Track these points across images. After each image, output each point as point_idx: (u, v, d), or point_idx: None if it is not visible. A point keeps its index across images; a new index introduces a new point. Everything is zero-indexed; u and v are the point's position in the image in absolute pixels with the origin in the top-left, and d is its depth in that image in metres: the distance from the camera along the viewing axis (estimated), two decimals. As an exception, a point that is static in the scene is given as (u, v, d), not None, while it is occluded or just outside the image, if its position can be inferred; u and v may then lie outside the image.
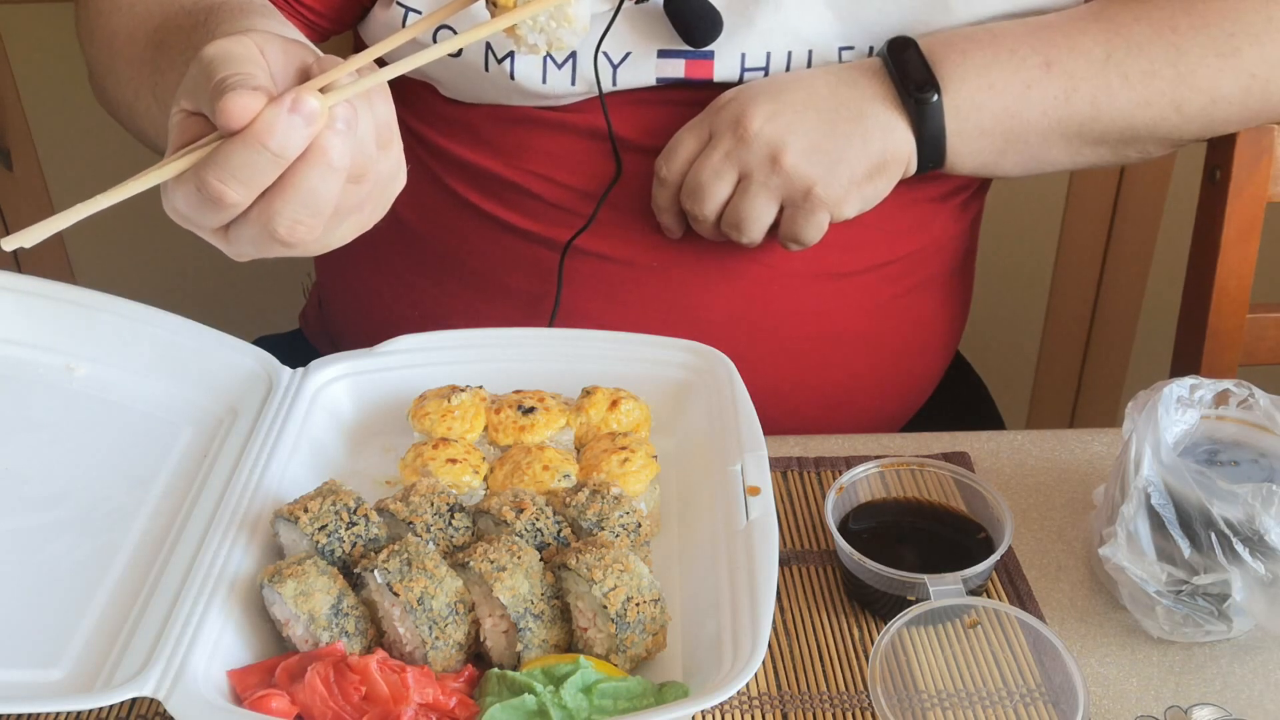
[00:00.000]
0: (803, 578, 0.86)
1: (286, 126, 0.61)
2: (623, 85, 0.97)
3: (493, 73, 0.97)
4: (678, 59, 0.97)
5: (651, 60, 0.96)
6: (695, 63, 0.97)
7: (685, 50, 0.96)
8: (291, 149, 0.62)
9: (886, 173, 0.94)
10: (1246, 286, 1.10)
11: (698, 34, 0.94)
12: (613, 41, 0.95)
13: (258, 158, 0.61)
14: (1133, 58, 0.95)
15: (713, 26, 0.94)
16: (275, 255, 0.68)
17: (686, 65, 0.97)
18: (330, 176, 0.63)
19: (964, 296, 1.18)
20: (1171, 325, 1.18)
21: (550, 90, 0.97)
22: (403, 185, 0.71)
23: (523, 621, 0.73)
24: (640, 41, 0.96)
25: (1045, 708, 0.75)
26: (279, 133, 0.61)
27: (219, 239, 0.67)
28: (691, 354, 0.93)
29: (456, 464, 0.84)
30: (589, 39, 0.94)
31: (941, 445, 0.98)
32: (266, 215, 0.64)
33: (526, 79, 0.96)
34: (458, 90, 1.02)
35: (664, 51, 0.96)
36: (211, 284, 1.98)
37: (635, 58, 0.96)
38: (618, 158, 0.99)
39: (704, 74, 0.97)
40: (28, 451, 0.89)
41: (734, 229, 0.95)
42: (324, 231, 0.67)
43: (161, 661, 0.69)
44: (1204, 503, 0.76)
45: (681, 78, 0.97)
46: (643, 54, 0.96)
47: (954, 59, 0.93)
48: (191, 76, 0.65)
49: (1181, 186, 1.87)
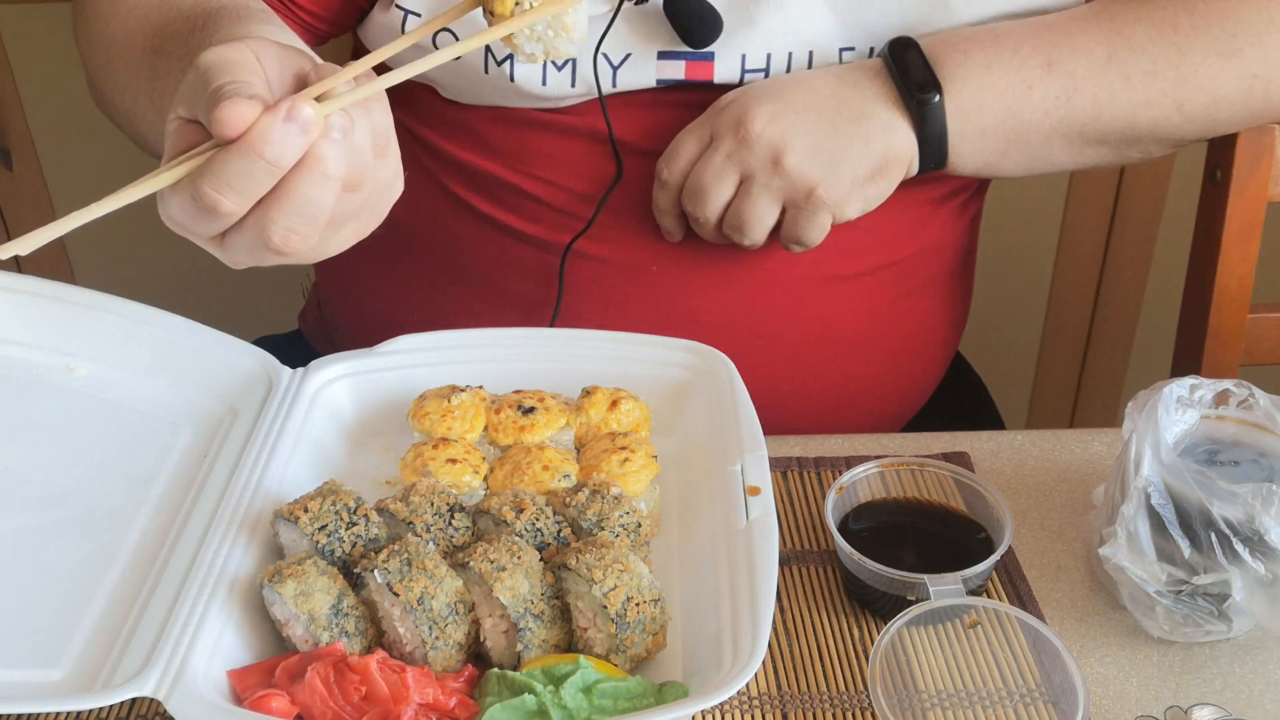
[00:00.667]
0: (803, 578, 0.86)
1: (282, 135, 0.61)
2: (623, 87, 0.97)
3: (492, 75, 0.97)
4: (678, 60, 0.96)
5: (652, 62, 0.96)
6: (695, 64, 0.96)
7: (685, 51, 0.96)
8: (287, 158, 0.61)
9: (888, 173, 0.94)
10: (1247, 286, 1.10)
11: (697, 35, 0.94)
12: (612, 43, 0.95)
13: (253, 167, 0.61)
14: (1134, 58, 0.95)
15: (713, 27, 0.94)
16: (271, 264, 0.67)
17: (687, 66, 0.96)
18: (325, 185, 0.63)
19: (964, 298, 1.18)
20: (1171, 325, 1.18)
21: (550, 92, 0.97)
22: (399, 193, 0.71)
23: (523, 621, 0.73)
24: (640, 43, 0.96)
25: (1045, 708, 0.75)
26: (274, 141, 0.60)
27: (214, 247, 0.67)
28: (691, 354, 0.93)
29: (456, 464, 0.84)
30: (588, 40, 0.94)
31: (941, 445, 0.98)
32: (262, 224, 0.64)
33: (526, 81, 0.96)
34: (458, 92, 1.01)
35: (664, 53, 0.96)
36: (211, 284, 1.97)
37: (635, 59, 0.96)
38: (618, 159, 0.99)
39: (704, 75, 0.97)
40: (28, 451, 0.89)
41: (736, 231, 0.95)
42: (319, 240, 0.66)
43: (161, 661, 0.69)
44: (1204, 503, 0.76)
45: (682, 79, 0.97)
46: (643, 55, 0.96)
47: (955, 59, 0.93)
48: (188, 83, 0.65)
49: (1181, 186, 1.87)
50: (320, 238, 0.66)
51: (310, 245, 0.66)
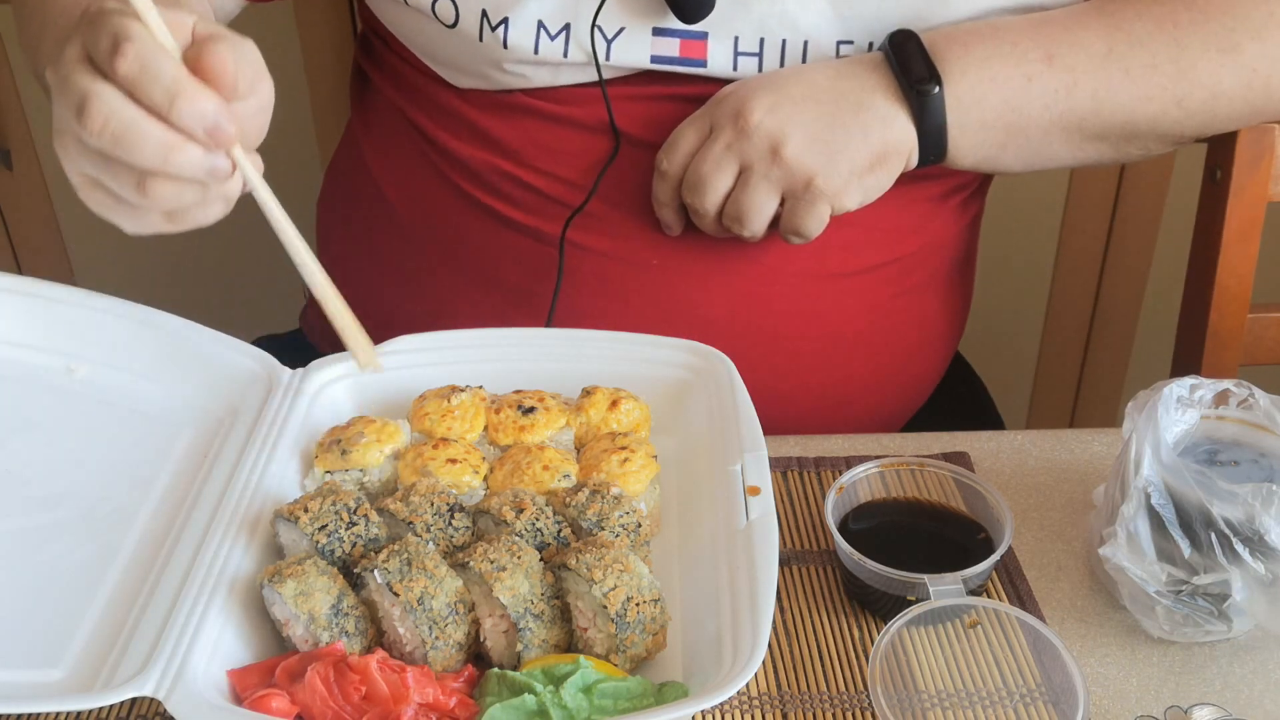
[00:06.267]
0: (803, 578, 0.86)
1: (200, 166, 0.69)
2: (616, 61, 0.97)
3: (486, 42, 0.97)
4: (672, 38, 0.97)
5: (646, 37, 0.97)
6: (690, 42, 0.97)
7: (679, 29, 0.96)
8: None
9: (887, 164, 0.94)
10: (1247, 286, 1.10)
11: (689, 8, 0.94)
12: (607, 16, 0.96)
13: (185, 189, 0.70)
14: (1134, 52, 0.95)
15: (703, 3, 0.94)
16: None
17: (681, 45, 0.97)
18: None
19: (964, 296, 1.18)
20: (1171, 325, 1.18)
21: (542, 58, 0.97)
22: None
23: (523, 621, 0.73)
24: (634, 18, 0.96)
25: (1045, 708, 0.75)
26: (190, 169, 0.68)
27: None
28: (691, 354, 0.93)
29: (456, 464, 0.84)
30: (585, 10, 0.95)
31: (941, 445, 0.98)
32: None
33: (518, 47, 0.97)
34: (454, 66, 1.02)
35: (659, 29, 0.97)
36: (211, 284, 1.98)
37: (629, 33, 0.97)
38: (616, 134, 0.99)
39: (698, 54, 0.97)
40: (28, 452, 0.89)
41: (735, 222, 0.95)
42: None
43: (161, 661, 0.69)
44: (1204, 503, 0.76)
45: (676, 55, 0.97)
46: (637, 30, 0.97)
47: (955, 51, 0.94)
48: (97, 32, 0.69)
49: (1181, 186, 1.87)
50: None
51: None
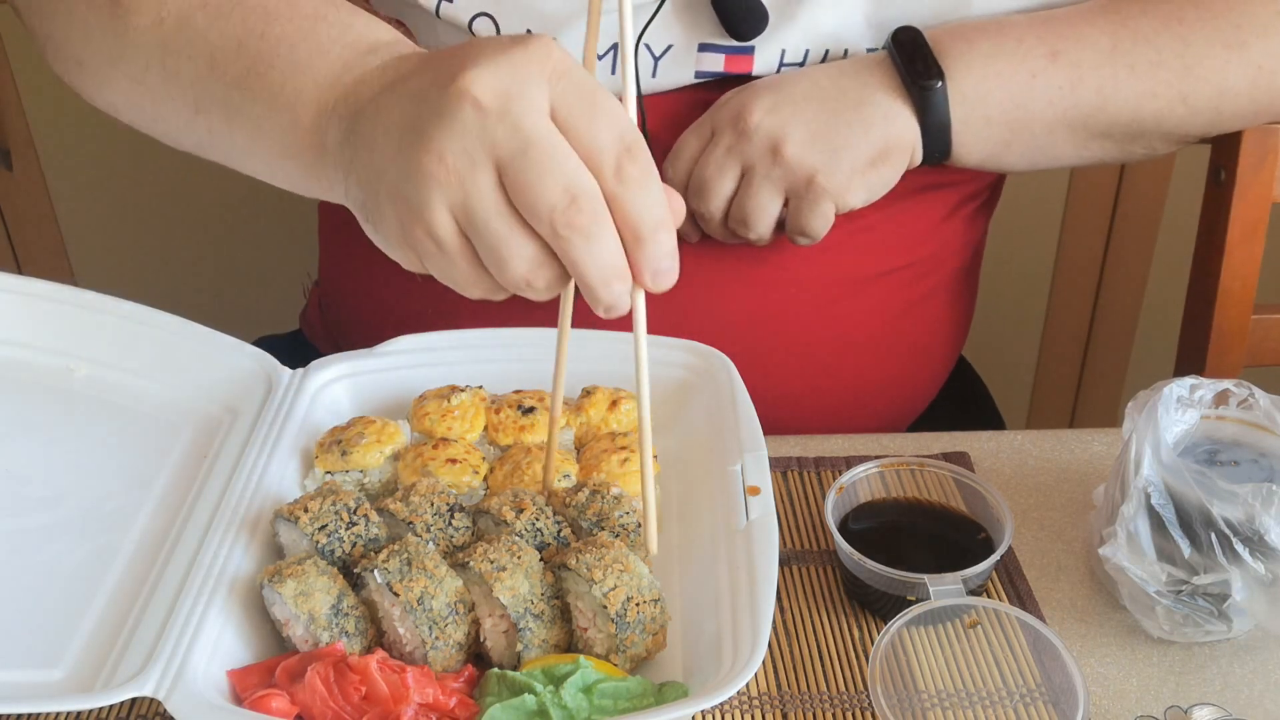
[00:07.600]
0: (803, 578, 0.86)
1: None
2: (661, 78, 0.96)
3: None
4: (718, 53, 0.96)
5: (692, 54, 0.96)
6: (735, 57, 0.96)
7: (727, 45, 0.95)
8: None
9: (890, 160, 0.94)
10: (1251, 287, 1.10)
11: (745, 27, 0.93)
12: (655, 33, 0.95)
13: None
14: (1139, 49, 0.94)
15: (759, 20, 0.93)
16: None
17: (726, 60, 0.96)
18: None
19: (971, 300, 1.18)
20: (1172, 325, 1.18)
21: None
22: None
23: (523, 621, 0.73)
24: (683, 34, 0.95)
25: (1045, 708, 0.75)
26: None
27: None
28: (691, 354, 0.92)
29: (456, 464, 0.84)
30: (632, 29, 0.94)
31: (941, 445, 0.98)
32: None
33: None
34: None
35: (705, 45, 0.96)
36: (211, 284, 1.98)
37: (676, 50, 0.96)
38: (646, 137, 0.99)
39: (743, 69, 0.96)
40: (28, 452, 0.89)
41: (741, 225, 0.95)
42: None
43: (161, 661, 0.69)
44: (1204, 503, 0.76)
45: (721, 72, 0.96)
46: (684, 47, 0.96)
47: (959, 47, 0.93)
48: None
49: (1182, 187, 1.87)
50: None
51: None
